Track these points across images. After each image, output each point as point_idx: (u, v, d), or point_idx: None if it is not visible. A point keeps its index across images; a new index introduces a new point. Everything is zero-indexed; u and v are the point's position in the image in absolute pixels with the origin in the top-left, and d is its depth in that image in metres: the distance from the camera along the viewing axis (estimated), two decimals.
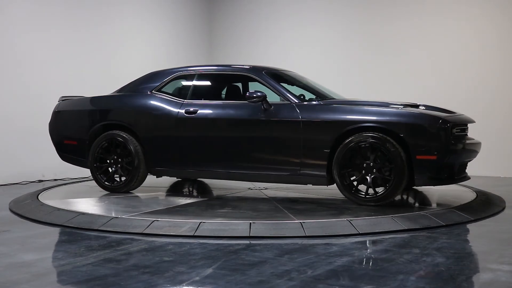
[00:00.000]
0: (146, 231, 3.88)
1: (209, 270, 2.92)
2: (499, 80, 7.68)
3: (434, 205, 4.87)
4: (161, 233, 3.84)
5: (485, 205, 4.83)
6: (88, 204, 5.10)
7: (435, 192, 5.51)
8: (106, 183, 5.67)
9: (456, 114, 5.13)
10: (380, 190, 4.68)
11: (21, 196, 5.53)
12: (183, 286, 2.68)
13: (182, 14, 9.76)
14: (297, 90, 5.51)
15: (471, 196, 5.26)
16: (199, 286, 2.66)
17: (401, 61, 8.42)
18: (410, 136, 4.59)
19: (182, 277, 2.82)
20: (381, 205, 4.63)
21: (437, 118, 4.68)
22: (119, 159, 5.62)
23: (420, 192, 5.54)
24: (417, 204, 5.01)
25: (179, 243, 3.60)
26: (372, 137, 4.64)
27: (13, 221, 4.50)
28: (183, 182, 6.57)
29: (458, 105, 7.93)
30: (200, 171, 5.45)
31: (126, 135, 5.57)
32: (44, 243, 3.65)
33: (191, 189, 6.21)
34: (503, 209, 4.84)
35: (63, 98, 6.23)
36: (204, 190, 6.06)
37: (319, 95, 5.52)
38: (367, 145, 4.66)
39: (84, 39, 7.97)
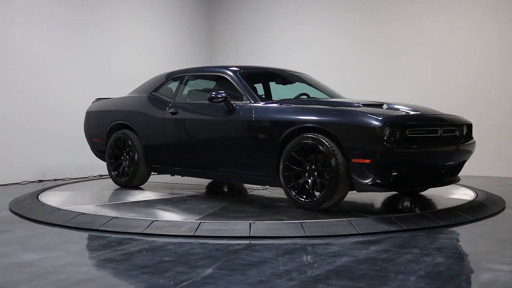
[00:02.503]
0: (146, 231, 3.88)
1: (209, 270, 2.92)
2: (499, 80, 7.68)
3: (434, 205, 4.86)
4: (161, 233, 3.84)
5: (485, 205, 4.82)
6: (88, 204, 5.10)
7: (435, 192, 5.50)
8: (117, 178, 6.21)
9: (420, 113, 4.58)
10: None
11: (21, 196, 5.53)
12: (183, 286, 2.68)
13: (182, 14, 9.76)
14: (289, 91, 5.58)
15: (471, 196, 5.26)
16: (199, 286, 2.66)
17: (401, 61, 8.42)
18: (344, 137, 4.27)
19: (182, 277, 2.82)
20: (322, 210, 4.39)
21: (372, 117, 4.22)
22: (127, 156, 6.08)
23: (421, 194, 5.54)
24: (416, 206, 5.01)
25: (179, 243, 3.60)
26: (311, 138, 4.41)
27: (13, 221, 4.50)
28: (220, 183, 6.55)
29: (458, 105, 7.94)
30: (182, 169, 5.72)
31: (130, 134, 6.02)
32: (44, 243, 3.65)
33: (226, 189, 6.23)
34: (503, 209, 4.84)
35: (96, 100, 6.84)
36: (239, 191, 6.03)
37: (316, 95, 5.57)
38: (306, 147, 4.45)
39: (83, 40, 7.98)
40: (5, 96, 7.01)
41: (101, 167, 8.05)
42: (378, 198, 5.18)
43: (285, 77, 5.89)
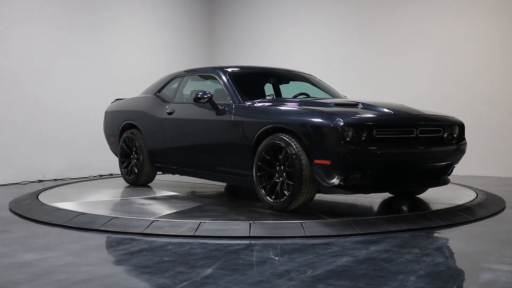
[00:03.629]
0: (146, 231, 3.88)
1: (209, 270, 2.92)
2: (499, 80, 7.68)
3: (434, 206, 4.85)
4: (161, 233, 3.84)
5: (485, 205, 4.82)
6: (88, 204, 5.10)
7: (435, 192, 5.50)
8: (126, 176, 6.38)
9: (391, 114, 4.38)
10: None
11: (21, 196, 5.53)
12: (183, 286, 2.68)
13: (182, 14, 9.76)
14: (294, 90, 5.64)
15: (471, 196, 5.26)
16: (199, 286, 2.66)
17: (401, 61, 8.42)
18: (307, 138, 4.20)
19: (182, 277, 2.82)
20: (290, 212, 4.35)
21: (332, 118, 4.12)
22: (135, 155, 6.25)
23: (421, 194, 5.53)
24: (416, 206, 5.01)
25: (179, 243, 3.60)
26: (279, 139, 4.37)
27: (13, 221, 4.50)
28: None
29: (458, 105, 7.94)
30: (179, 169, 5.82)
31: (136, 134, 6.21)
32: (44, 243, 3.65)
33: (243, 188, 6.17)
34: (503, 209, 4.84)
35: (115, 100, 6.98)
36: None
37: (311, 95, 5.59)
38: (275, 147, 4.41)
39: (83, 40, 7.98)
40: (5, 96, 7.01)
41: (101, 167, 8.06)
42: (377, 198, 5.18)
43: (280, 77, 5.89)
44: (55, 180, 7.37)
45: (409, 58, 8.34)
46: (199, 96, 5.03)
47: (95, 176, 7.84)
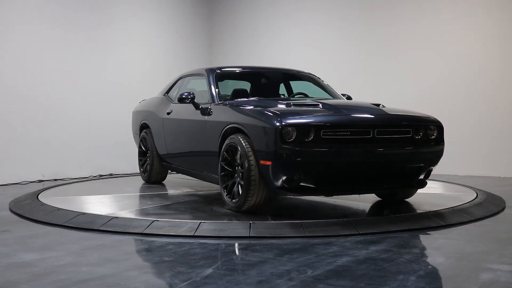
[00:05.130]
0: (146, 231, 3.88)
1: (209, 270, 2.92)
2: (499, 80, 7.68)
3: (434, 205, 4.85)
4: (161, 233, 3.84)
5: (485, 205, 4.82)
6: (88, 204, 5.10)
7: (435, 192, 5.50)
8: (142, 174, 6.69)
9: (341, 114, 4.23)
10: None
11: (21, 196, 5.53)
12: (183, 286, 2.68)
13: (182, 14, 9.76)
14: (299, 89, 5.73)
15: (471, 196, 5.26)
16: (199, 286, 2.65)
17: (401, 61, 8.42)
18: (254, 138, 4.17)
19: (182, 277, 2.82)
20: (244, 212, 4.34)
21: (272, 118, 4.04)
22: (149, 154, 6.47)
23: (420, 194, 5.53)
24: (415, 206, 5.01)
25: (179, 243, 3.60)
26: (234, 139, 4.37)
27: (13, 221, 4.50)
28: None
29: (458, 105, 7.94)
30: (177, 167, 5.98)
31: (149, 133, 6.46)
32: (44, 243, 3.65)
33: None
34: (503, 209, 4.84)
35: (142, 100, 7.20)
36: None
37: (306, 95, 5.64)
38: (231, 147, 4.41)
39: (82, 41, 7.98)
40: (5, 96, 7.01)
41: (101, 167, 8.06)
42: (376, 199, 5.17)
43: (271, 77, 5.90)
44: (55, 180, 7.37)
45: (409, 58, 8.33)
46: (183, 96, 5.16)
47: (95, 176, 7.84)
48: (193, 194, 5.68)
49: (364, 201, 5.02)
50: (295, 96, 5.69)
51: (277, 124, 3.95)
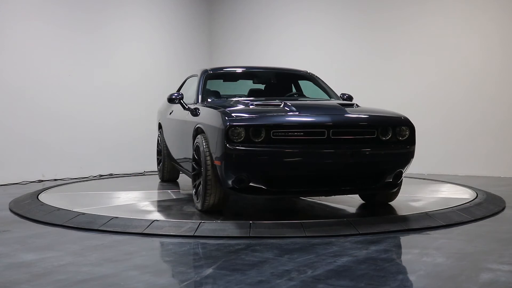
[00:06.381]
0: (146, 231, 3.88)
1: (209, 270, 2.92)
2: (499, 80, 7.68)
3: (433, 205, 4.85)
4: (161, 233, 3.84)
5: (485, 205, 4.82)
6: (88, 204, 5.10)
7: (434, 192, 5.50)
8: (158, 172, 6.87)
9: (297, 114, 4.12)
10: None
11: (21, 196, 5.53)
12: (183, 286, 2.68)
13: (182, 14, 9.76)
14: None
15: (471, 196, 5.26)
16: (199, 286, 2.65)
17: (401, 61, 8.42)
18: (209, 138, 4.18)
19: (182, 277, 2.82)
20: (205, 212, 4.36)
21: (222, 118, 4.01)
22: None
23: (420, 194, 5.53)
24: (415, 206, 5.00)
25: (179, 243, 3.60)
26: (198, 140, 4.38)
27: (13, 221, 4.50)
28: None
29: (458, 105, 7.94)
30: (177, 166, 6.08)
31: (161, 132, 6.67)
32: (44, 243, 3.65)
33: None
34: (503, 209, 4.84)
35: None
36: None
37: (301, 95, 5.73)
38: (197, 147, 4.42)
39: (82, 41, 7.98)
40: (5, 96, 7.01)
41: (101, 167, 8.06)
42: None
43: (263, 77, 5.91)
44: (55, 180, 7.37)
45: (409, 58, 8.34)
46: (173, 97, 5.24)
47: (95, 176, 7.84)
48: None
49: (363, 202, 5.02)
50: (294, 96, 5.70)
51: (226, 124, 3.92)
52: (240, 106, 4.47)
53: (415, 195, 5.40)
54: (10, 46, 7.08)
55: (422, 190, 5.82)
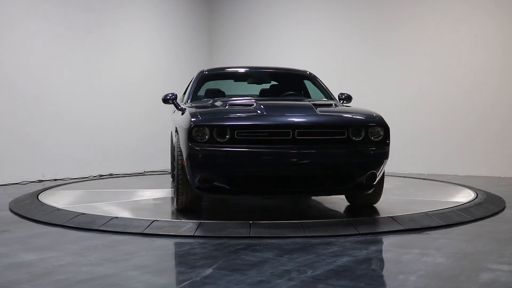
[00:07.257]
0: (146, 231, 3.87)
1: (209, 270, 2.92)
2: (500, 80, 7.68)
3: (434, 205, 4.85)
4: (161, 233, 3.84)
5: (485, 205, 4.82)
6: (88, 204, 5.10)
7: (434, 192, 5.50)
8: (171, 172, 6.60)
9: (262, 114, 4.08)
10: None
11: (21, 196, 5.53)
12: (183, 286, 2.68)
13: (182, 14, 9.76)
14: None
15: (471, 196, 5.26)
16: (199, 286, 2.65)
17: (401, 61, 8.43)
18: (181, 138, 4.16)
19: (182, 277, 2.82)
20: (181, 212, 4.36)
21: (188, 118, 4.02)
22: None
23: (420, 194, 5.53)
24: (415, 206, 5.00)
25: (179, 243, 3.60)
26: (174, 140, 4.39)
27: (13, 221, 4.49)
28: None
29: (458, 105, 7.94)
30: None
31: (173, 132, 6.58)
32: (44, 243, 3.65)
33: None
34: (503, 209, 4.84)
35: None
36: None
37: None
38: (173, 147, 4.45)
39: (82, 41, 7.98)
40: (5, 96, 7.01)
41: (101, 167, 8.06)
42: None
43: (258, 77, 5.91)
44: (55, 180, 7.37)
45: (409, 58, 8.34)
46: (167, 97, 5.20)
47: (95, 176, 7.84)
48: None
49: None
50: (291, 96, 5.72)
51: (190, 124, 3.95)
52: (215, 107, 4.46)
53: (415, 195, 5.40)
54: (10, 46, 7.08)
55: (422, 190, 5.82)
